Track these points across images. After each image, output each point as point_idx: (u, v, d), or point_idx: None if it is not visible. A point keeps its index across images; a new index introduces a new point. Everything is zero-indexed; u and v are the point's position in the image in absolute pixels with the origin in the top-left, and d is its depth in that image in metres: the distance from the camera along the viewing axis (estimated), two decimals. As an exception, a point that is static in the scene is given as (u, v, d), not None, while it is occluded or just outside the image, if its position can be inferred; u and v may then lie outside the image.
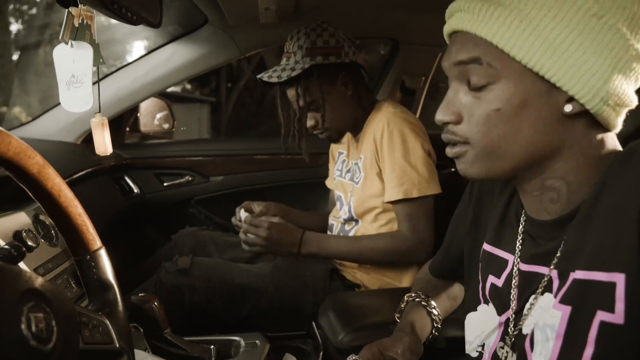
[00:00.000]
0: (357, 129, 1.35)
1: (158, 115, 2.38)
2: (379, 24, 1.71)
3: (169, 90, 1.73)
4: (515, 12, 0.52)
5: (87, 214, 0.60)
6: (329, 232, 1.44)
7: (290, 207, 1.51)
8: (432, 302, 0.87)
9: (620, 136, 0.59)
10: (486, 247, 0.72)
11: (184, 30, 1.60)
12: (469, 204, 0.78)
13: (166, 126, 2.43)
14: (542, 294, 0.59)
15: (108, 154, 0.81)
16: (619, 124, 0.57)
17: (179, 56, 1.61)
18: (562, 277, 0.56)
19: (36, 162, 0.52)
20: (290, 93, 1.28)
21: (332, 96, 1.27)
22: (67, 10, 0.72)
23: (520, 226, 0.65)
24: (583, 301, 0.52)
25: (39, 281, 0.46)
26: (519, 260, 0.64)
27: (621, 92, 0.53)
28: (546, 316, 0.57)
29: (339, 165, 1.45)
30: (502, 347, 0.64)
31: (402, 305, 0.89)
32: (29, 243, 0.75)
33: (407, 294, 0.90)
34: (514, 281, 0.64)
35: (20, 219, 0.83)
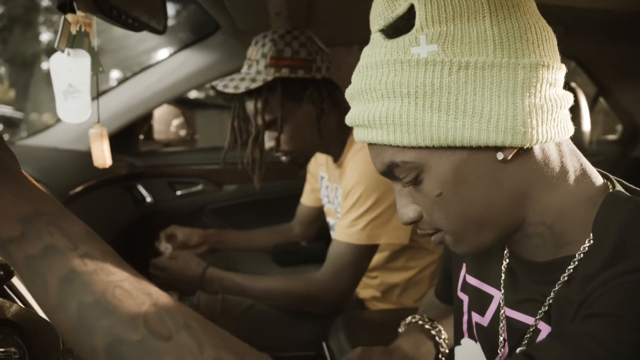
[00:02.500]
0: (335, 153, 1.18)
1: (174, 122, 2.36)
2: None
3: (191, 96, 1.70)
4: (405, 110, 0.48)
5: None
6: None
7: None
8: (437, 325, 0.79)
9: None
10: (469, 279, 0.66)
11: (196, 37, 1.58)
12: None
13: (182, 133, 2.41)
14: (528, 346, 0.53)
15: (107, 167, 0.78)
16: (560, 130, 0.49)
17: (191, 63, 1.58)
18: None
19: None
20: (249, 107, 1.09)
21: (295, 116, 1.09)
22: (62, 17, 0.69)
23: (504, 262, 0.59)
24: None
25: (12, 310, 0.42)
26: (503, 302, 0.58)
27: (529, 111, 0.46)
28: None
29: (324, 191, 1.33)
30: None
31: (400, 330, 0.82)
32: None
33: (409, 317, 0.82)
34: (501, 325, 0.58)
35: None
